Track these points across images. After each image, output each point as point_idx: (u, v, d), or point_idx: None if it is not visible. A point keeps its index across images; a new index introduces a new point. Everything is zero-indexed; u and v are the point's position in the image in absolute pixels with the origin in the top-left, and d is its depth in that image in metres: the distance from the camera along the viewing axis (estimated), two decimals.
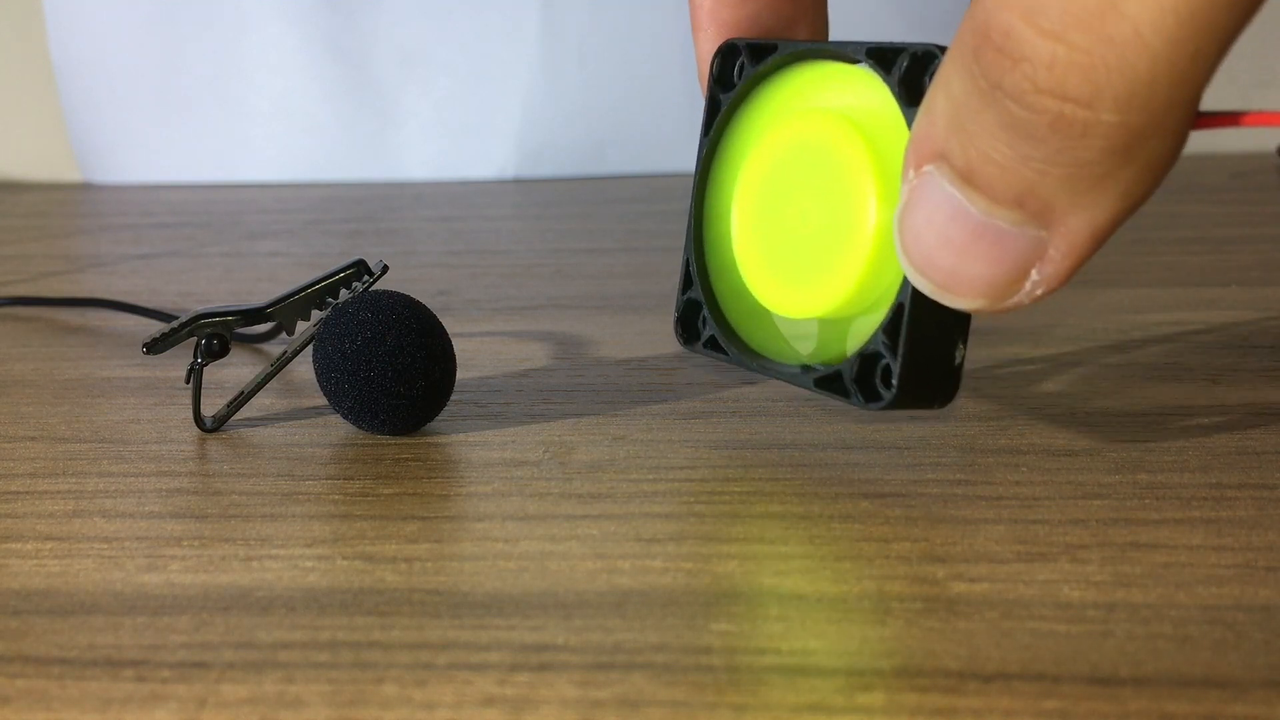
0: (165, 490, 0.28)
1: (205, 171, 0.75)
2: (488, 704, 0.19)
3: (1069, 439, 0.29)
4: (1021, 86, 0.18)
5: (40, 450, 0.30)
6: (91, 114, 0.75)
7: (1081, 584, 0.22)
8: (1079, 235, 0.20)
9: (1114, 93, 0.18)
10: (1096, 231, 0.20)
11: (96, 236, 0.65)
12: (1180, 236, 0.51)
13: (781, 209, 0.25)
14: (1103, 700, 0.19)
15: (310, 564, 0.24)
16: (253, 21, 0.72)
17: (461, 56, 0.73)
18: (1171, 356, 0.35)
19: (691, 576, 0.23)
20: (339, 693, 0.20)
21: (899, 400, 0.23)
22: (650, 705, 0.19)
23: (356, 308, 0.29)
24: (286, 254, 0.57)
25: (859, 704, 0.19)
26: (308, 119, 0.74)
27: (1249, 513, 0.25)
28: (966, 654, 0.20)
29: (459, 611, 0.22)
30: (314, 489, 0.27)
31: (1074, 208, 0.19)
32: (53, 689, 0.20)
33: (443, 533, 0.25)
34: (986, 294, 0.21)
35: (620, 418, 0.31)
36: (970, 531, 0.24)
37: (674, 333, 0.29)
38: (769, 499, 0.26)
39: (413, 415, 0.30)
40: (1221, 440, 0.28)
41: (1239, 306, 0.40)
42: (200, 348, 0.30)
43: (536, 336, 0.39)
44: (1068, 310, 0.40)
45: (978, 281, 0.20)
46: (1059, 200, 0.19)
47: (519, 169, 0.74)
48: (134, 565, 0.24)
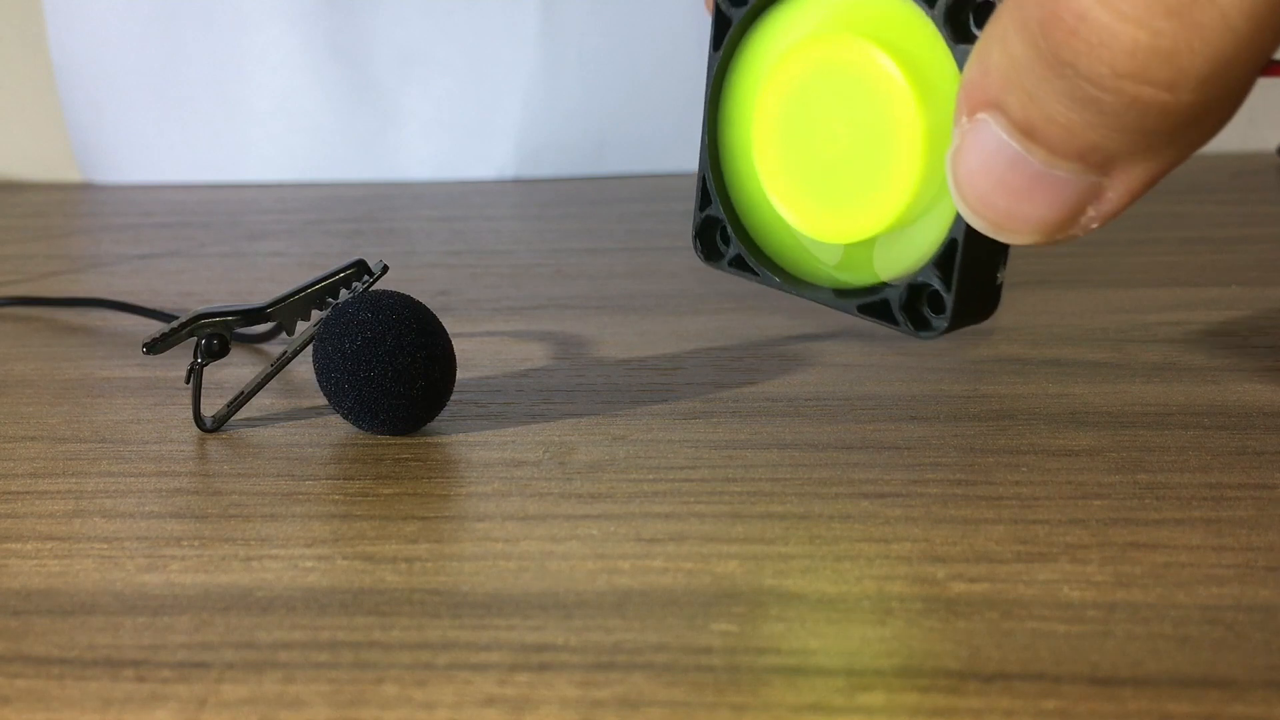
0: (165, 490, 0.28)
1: (205, 171, 0.75)
2: (488, 704, 0.19)
3: (1069, 439, 0.29)
4: (1099, 71, 0.18)
5: (40, 450, 0.30)
6: (91, 114, 0.75)
7: (1081, 584, 0.22)
8: (1138, 180, 0.20)
9: (1197, 75, 0.18)
10: (1156, 176, 0.20)
11: (96, 236, 0.65)
12: (1180, 236, 0.51)
13: (809, 130, 0.25)
14: (1103, 700, 0.19)
15: (310, 564, 0.24)
16: (253, 21, 0.72)
17: (461, 56, 0.73)
18: (1171, 356, 0.35)
19: (691, 576, 0.23)
20: (339, 693, 0.20)
21: (950, 329, 0.24)
22: (650, 705, 0.19)
23: (356, 308, 0.29)
24: (286, 254, 0.57)
25: (859, 704, 0.19)
26: (308, 119, 0.74)
27: (1249, 513, 0.25)
28: (966, 654, 0.20)
29: (459, 611, 0.22)
30: (314, 489, 0.27)
31: (1136, 161, 0.20)
32: (53, 689, 0.20)
33: (443, 533, 0.25)
34: (1043, 232, 0.21)
35: (620, 418, 0.31)
36: (970, 531, 0.24)
37: (692, 249, 0.29)
38: (769, 499, 0.26)
39: (413, 415, 0.30)
40: (1221, 440, 0.28)
41: (1239, 306, 0.40)
42: (200, 348, 0.30)
43: (536, 336, 0.39)
44: (1068, 310, 0.40)
45: (1034, 220, 0.21)
46: (1122, 155, 0.19)
47: (519, 169, 0.74)
48: (134, 565, 0.24)
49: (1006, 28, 0.19)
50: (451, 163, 0.74)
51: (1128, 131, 0.19)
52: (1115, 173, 0.20)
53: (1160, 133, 0.19)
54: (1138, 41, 0.18)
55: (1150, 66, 0.18)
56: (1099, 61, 0.18)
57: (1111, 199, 0.20)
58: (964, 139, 0.21)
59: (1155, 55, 0.18)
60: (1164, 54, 0.18)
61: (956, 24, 0.23)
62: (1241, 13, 0.17)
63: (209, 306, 0.31)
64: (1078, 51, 0.18)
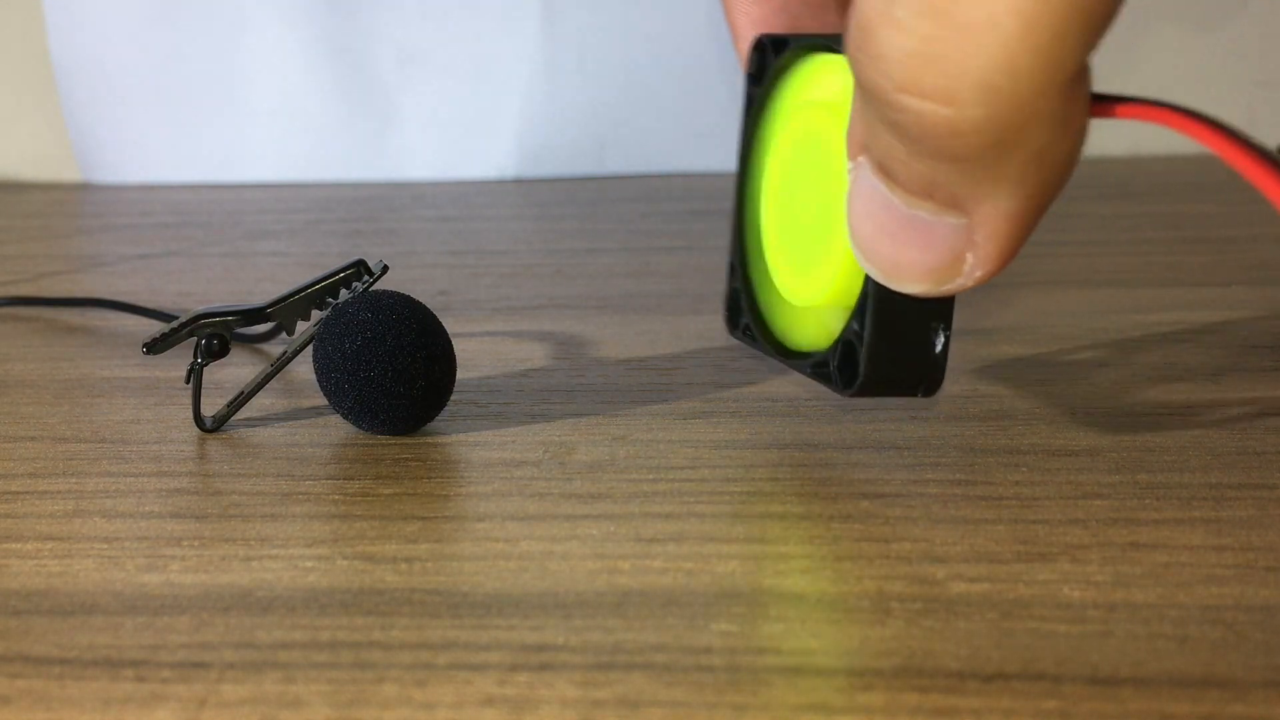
0: (165, 490, 0.28)
1: (205, 171, 0.75)
2: (488, 704, 0.19)
3: (1069, 439, 0.29)
4: (881, 86, 0.17)
5: (40, 450, 0.30)
6: (91, 114, 0.75)
7: (1081, 584, 0.22)
8: (995, 222, 0.19)
9: (973, 84, 0.16)
10: (1012, 218, 0.19)
11: (96, 236, 0.65)
12: (1180, 236, 0.51)
13: (795, 198, 0.26)
14: (1103, 700, 0.19)
15: (310, 564, 0.24)
16: (253, 21, 0.72)
17: (461, 56, 0.73)
18: (1171, 356, 0.35)
19: (691, 576, 0.23)
20: (339, 693, 0.20)
21: (868, 384, 0.24)
22: (650, 705, 0.19)
23: (356, 308, 0.29)
24: (286, 254, 0.57)
25: (859, 704, 0.19)
26: (308, 119, 0.74)
27: (1249, 513, 0.25)
28: (966, 654, 0.20)
29: (459, 611, 0.22)
30: (314, 489, 0.27)
31: (978, 197, 0.19)
32: (53, 689, 0.20)
33: (443, 533, 0.25)
34: (928, 278, 0.20)
35: (620, 418, 0.31)
36: (970, 531, 0.24)
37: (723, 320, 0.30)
38: (769, 499, 0.26)
39: (413, 415, 0.30)
40: (1221, 440, 0.28)
41: (1239, 306, 0.40)
42: (200, 348, 0.30)
43: (536, 336, 0.39)
44: (1068, 310, 0.40)
45: (917, 266, 0.20)
46: (961, 191, 0.19)
47: (519, 169, 0.74)
48: (134, 565, 0.24)
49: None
50: (451, 163, 0.74)
51: (942, 159, 0.18)
52: (970, 212, 0.19)
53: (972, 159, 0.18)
54: (904, 48, 0.16)
55: (922, 75, 0.17)
56: (880, 75, 0.17)
57: (980, 243, 0.19)
58: (850, 184, 0.20)
59: (925, 61, 0.16)
60: (931, 59, 0.16)
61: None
62: (1009, 10, 0.16)
63: (209, 306, 0.31)
64: (863, 66, 0.17)
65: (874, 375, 0.24)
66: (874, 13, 0.17)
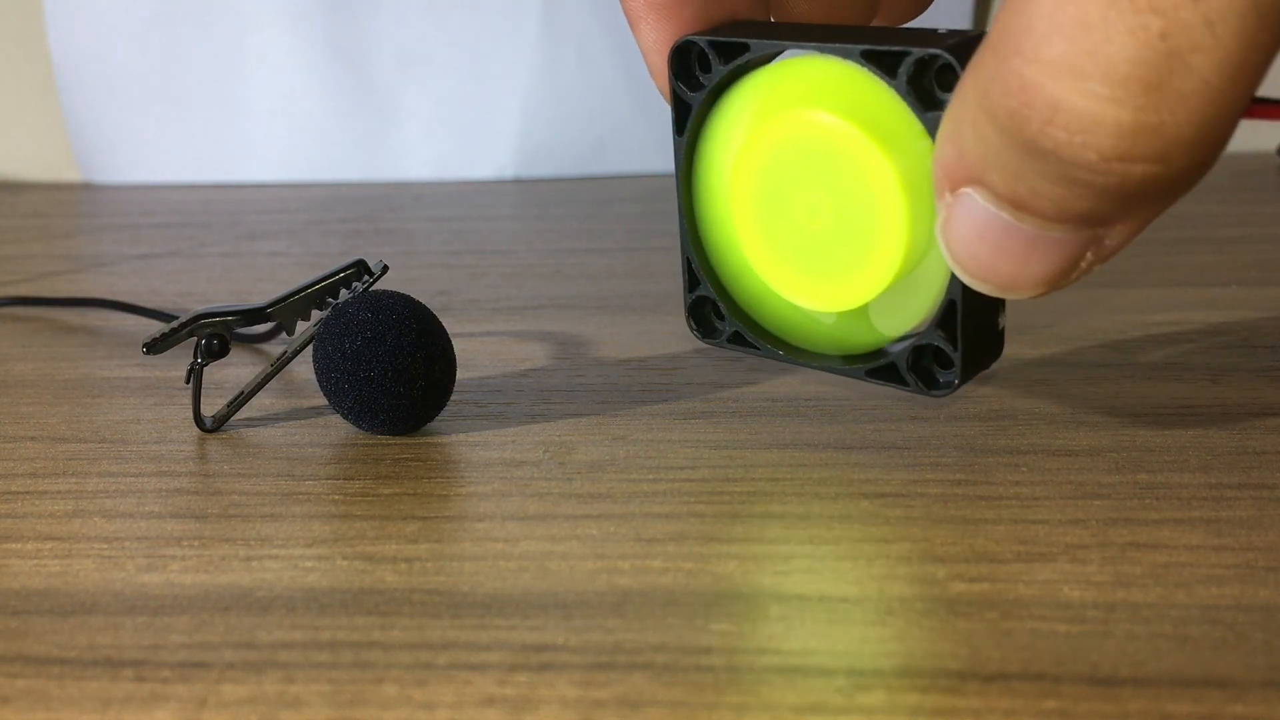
0: (165, 490, 0.28)
1: (205, 171, 0.75)
2: (488, 704, 0.19)
3: (1069, 439, 0.29)
4: (1086, 158, 0.18)
5: (40, 450, 0.30)
6: (91, 114, 0.75)
7: (1081, 584, 0.22)
8: (1134, 228, 0.20)
9: (1187, 142, 0.18)
10: (1151, 221, 0.20)
11: (96, 236, 0.65)
12: (1180, 236, 0.51)
13: (788, 205, 0.25)
14: (1103, 700, 0.19)
15: (310, 564, 0.24)
16: (253, 21, 0.72)
17: (461, 56, 0.73)
18: (1171, 356, 0.35)
19: (691, 576, 0.23)
20: (339, 693, 0.20)
21: (962, 384, 0.25)
22: (650, 705, 0.19)
23: (356, 308, 0.29)
24: (286, 254, 0.57)
25: (859, 704, 0.19)
26: (308, 119, 0.74)
27: (1249, 513, 0.25)
28: (966, 654, 0.20)
29: (459, 611, 0.22)
30: (314, 489, 0.27)
31: (1133, 215, 0.20)
32: (53, 689, 0.20)
33: (443, 533, 0.25)
34: (1048, 284, 0.21)
35: (620, 418, 0.31)
36: (970, 531, 0.24)
37: (688, 329, 0.29)
38: (769, 499, 0.26)
39: (413, 415, 0.30)
40: (1221, 440, 0.28)
41: (1239, 306, 0.40)
42: (200, 348, 0.30)
43: (536, 336, 0.39)
44: (1068, 310, 0.40)
45: (1039, 276, 0.21)
46: (1115, 214, 0.19)
47: (519, 169, 0.74)
48: (134, 565, 0.24)
49: (976, 114, 0.19)
50: (451, 163, 0.74)
51: (1120, 199, 0.19)
52: (1110, 225, 0.20)
53: (1155, 195, 0.19)
54: (1121, 123, 0.17)
55: (1139, 144, 0.18)
56: (1084, 149, 0.18)
57: (1110, 245, 0.20)
58: (951, 212, 0.21)
59: (1143, 132, 0.17)
60: (1151, 129, 0.17)
61: (921, 92, 0.23)
62: (1219, 72, 0.17)
63: (209, 306, 0.31)
64: (1058, 141, 0.18)
65: (967, 374, 0.25)
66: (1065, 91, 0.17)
